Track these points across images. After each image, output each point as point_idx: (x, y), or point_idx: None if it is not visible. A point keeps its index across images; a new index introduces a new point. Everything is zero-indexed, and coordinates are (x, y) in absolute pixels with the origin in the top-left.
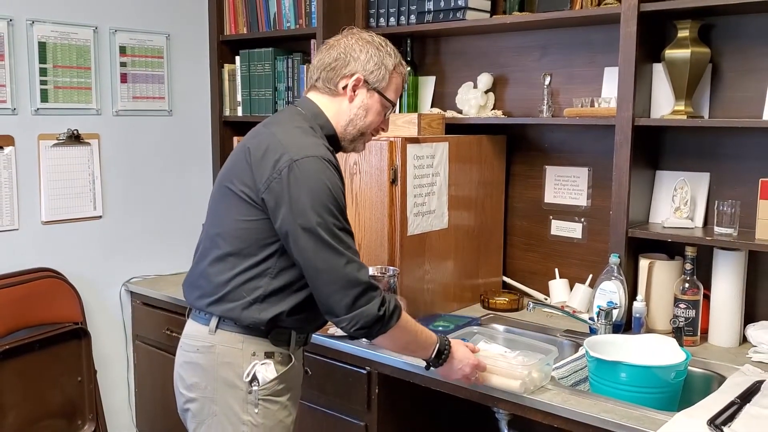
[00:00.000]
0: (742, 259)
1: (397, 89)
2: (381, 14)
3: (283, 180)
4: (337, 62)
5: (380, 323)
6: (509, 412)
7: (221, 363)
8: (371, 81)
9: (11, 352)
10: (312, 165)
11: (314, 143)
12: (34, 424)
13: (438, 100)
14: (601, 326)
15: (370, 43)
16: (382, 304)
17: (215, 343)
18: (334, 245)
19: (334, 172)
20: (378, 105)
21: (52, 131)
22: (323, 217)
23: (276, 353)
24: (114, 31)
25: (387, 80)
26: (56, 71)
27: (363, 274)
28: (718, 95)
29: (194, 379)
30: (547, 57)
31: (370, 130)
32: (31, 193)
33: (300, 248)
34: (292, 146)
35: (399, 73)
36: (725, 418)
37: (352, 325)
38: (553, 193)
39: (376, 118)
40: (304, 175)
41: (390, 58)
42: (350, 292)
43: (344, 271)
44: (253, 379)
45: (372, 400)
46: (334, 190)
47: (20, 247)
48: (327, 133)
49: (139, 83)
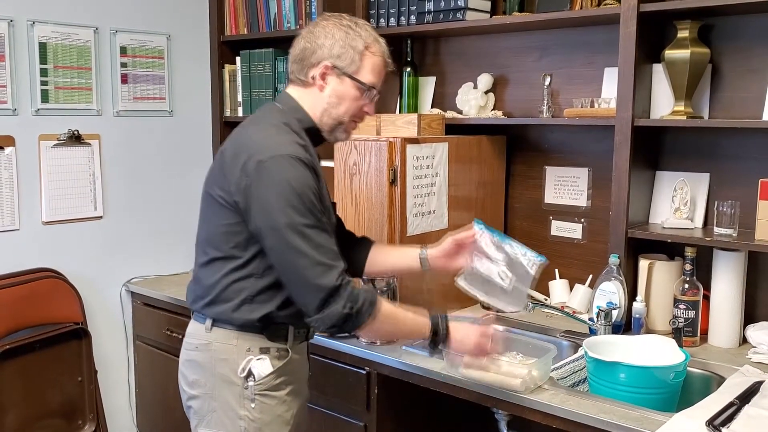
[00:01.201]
0: (741, 259)
1: (374, 70)
2: (381, 15)
3: (252, 181)
4: (305, 52)
5: (350, 321)
6: (508, 412)
7: (218, 360)
8: (340, 66)
9: (12, 352)
10: (278, 164)
11: (284, 141)
12: (34, 423)
13: (438, 100)
14: (601, 327)
15: (338, 26)
16: (352, 301)
17: (211, 341)
18: (300, 246)
19: (303, 169)
20: (352, 90)
21: (52, 131)
22: (290, 217)
23: (272, 348)
24: (115, 31)
25: (358, 62)
26: (57, 72)
27: (329, 277)
28: (717, 96)
29: (194, 377)
30: (546, 57)
31: (349, 118)
32: (31, 194)
33: (269, 248)
34: (261, 146)
35: (373, 53)
36: (724, 418)
37: (322, 325)
38: (553, 193)
39: (353, 104)
40: (270, 175)
41: (359, 38)
42: (317, 296)
43: (309, 274)
44: (249, 374)
45: (371, 400)
46: (301, 188)
47: (21, 248)
48: (306, 126)
49: (139, 84)
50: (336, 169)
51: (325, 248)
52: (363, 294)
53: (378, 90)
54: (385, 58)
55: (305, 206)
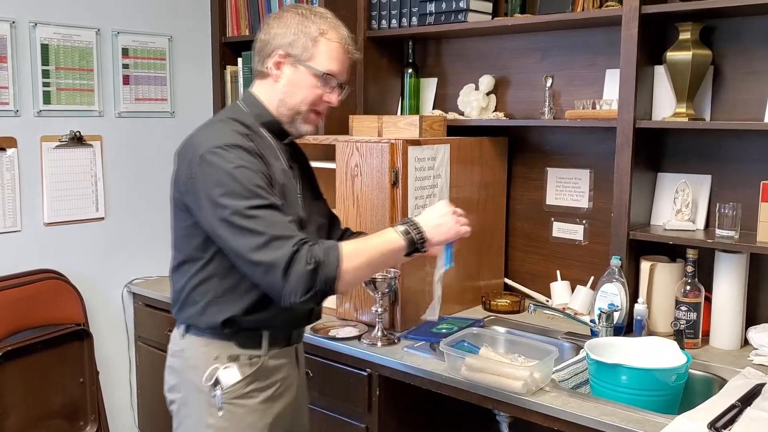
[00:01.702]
0: (743, 261)
1: (330, 56)
2: (383, 16)
3: (196, 177)
4: (261, 44)
5: (320, 274)
6: (510, 414)
7: (189, 367)
8: (293, 54)
9: (14, 353)
10: (216, 155)
11: (224, 132)
12: (36, 424)
13: (439, 101)
14: (602, 328)
15: (293, 14)
16: (312, 256)
17: (184, 348)
18: (252, 227)
19: (243, 154)
20: (308, 78)
21: (54, 133)
22: (236, 204)
23: (242, 356)
24: (116, 33)
25: (311, 49)
26: (59, 73)
27: (285, 247)
28: (719, 97)
29: (172, 382)
30: (548, 59)
31: (306, 107)
32: (33, 195)
33: (221, 239)
34: (202, 142)
35: (329, 39)
36: (726, 421)
37: (295, 294)
38: (555, 194)
39: (309, 92)
40: (210, 168)
41: (313, 25)
42: (277, 269)
43: (264, 251)
44: (216, 382)
45: (373, 401)
46: (243, 173)
47: (23, 249)
48: (265, 120)
49: (141, 85)
50: (338, 170)
51: (280, 224)
52: (321, 246)
53: (341, 79)
54: (344, 45)
55: (250, 190)
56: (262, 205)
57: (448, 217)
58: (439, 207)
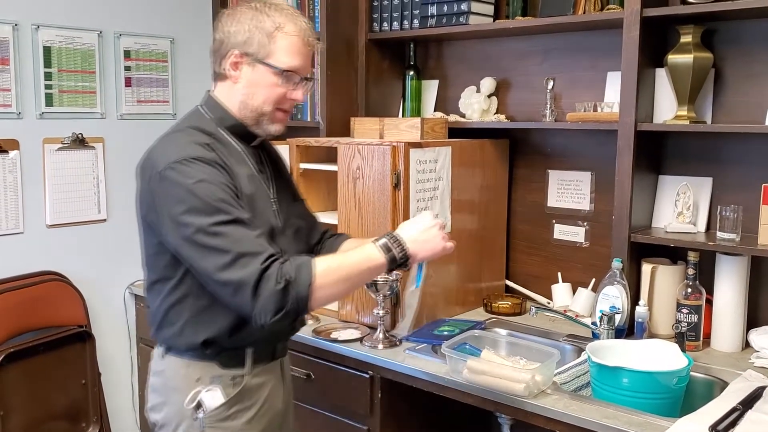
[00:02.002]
0: (744, 264)
1: (290, 51)
2: (384, 19)
3: (156, 195)
4: (216, 44)
5: (291, 293)
6: (512, 417)
7: (171, 388)
8: (250, 52)
9: (16, 355)
10: (175, 172)
11: (182, 144)
12: (38, 426)
13: (441, 104)
14: (604, 331)
15: (245, 9)
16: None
17: (165, 368)
18: (217, 245)
19: (204, 168)
20: (268, 77)
21: (56, 135)
22: (199, 222)
23: (225, 377)
24: (118, 35)
25: (268, 45)
26: (61, 75)
27: (253, 265)
28: (720, 100)
29: (153, 402)
30: (549, 61)
31: (271, 107)
32: (36, 197)
33: (187, 259)
34: (160, 157)
35: (287, 33)
36: (727, 424)
37: (265, 314)
38: (556, 197)
39: (272, 91)
40: (170, 185)
41: (268, 19)
42: (246, 289)
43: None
44: (199, 405)
45: (374, 404)
46: (204, 188)
47: (25, 251)
48: (229, 124)
49: (143, 87)
50: (339, 173)
51: (246, 240)
52: (292, 262)
53: (304, 73)
54: (303, 38)
55: (212, 206)
56: (226, 221)
57: (433, 231)
58: (423, 219)
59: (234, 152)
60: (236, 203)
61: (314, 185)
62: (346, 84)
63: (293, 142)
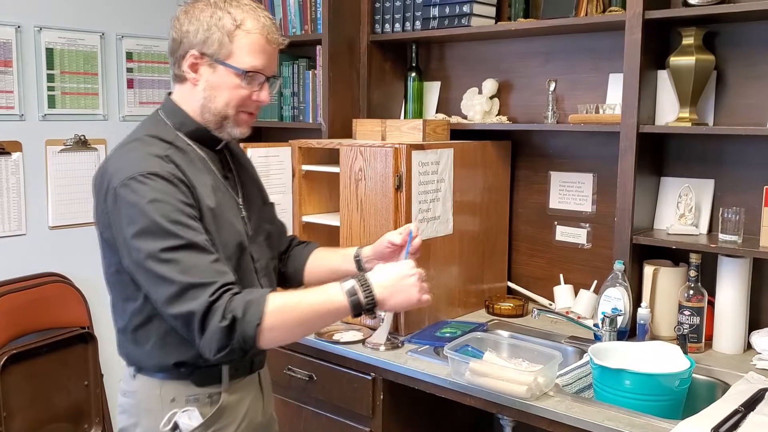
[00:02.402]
0: (746, 266)
1: (252, 50)
2: (386, 20)
3: (111, 214)
4: (173, 44)
5: (236, 332)
6: (514, 419)
7: (143, 410)
8: (209, 53)
9: (19, 356)
10: (129, 189)
11: (139, 156)
12: (41, 427)
13: (443, 105)
14: (606, 333)
15: (202, 5)
16: (230, 311)
17: (136, 389)
18: (166, 274)
19: (160, 185)
20: (229, 78)
21: (59, 137)
22: (150, 246)
23: (202, 395)
24: (120, 37)
25: (229, 45)
26: (63, 77)
27: (202, 297)
28: (722, 102)
29: (124, 424)
30: (551, 63)
31: (234, 110)
32: (38, 199)
33: (140, 285)
34: (115, 171)
35: (248, 31)
36: (729, 426)
37: (209, 350)
38: (558, 198)
39: (234, 94)
40: (124, 204)
41: (227, 17)
42: (194, 321)
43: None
44: (176, 427)
45: (377, 405)
46: (158, 209)
47: (28, 252)
48: (189, 129)
49: (145, 89)
50: (342, 174)
51: (198, 268)
52: (244, 297)
53: (269, 73)
54: (266, 35)
55: (164, 229)
56: (178, 246)
57: (409, 281)
58: (402, 267)
59: (195, 160)
60: (193, 223)
61: (316, 187)
62: (348, 85)
63: (295, 144)
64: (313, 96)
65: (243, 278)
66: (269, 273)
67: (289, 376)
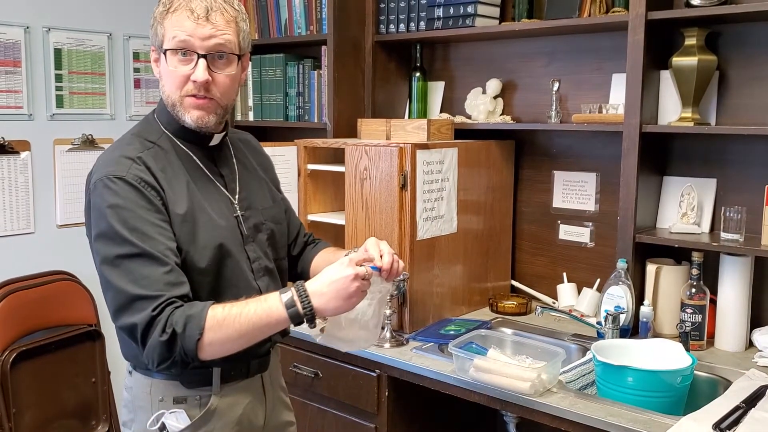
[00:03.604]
0: (748, 264)
1: (175, 27)
2: (391, 21)
3: (86, 215)
4: None
5: (176, 346)
6: (517, 415)
7: (138, 407)
8: (156, 44)
9: (28, 353)
10: (98, 191)
11: (113, 158)
12: (49, 424)
13: (447, 105)
14: (609, 330)
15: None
16: (170, 325)
17: (133, 385)
18: (115, 282)
19: (124, 189)
20: (168, 62)
21: (67, 136)
22: (106, 250)
23: (190, 397)
24: (127, 37)
25: (161, 30)
26: (71, 77)
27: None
28: (724, 102)
29: (125, 417)
30: (555, 63)
31: (177, 95)
32: (46, 198)
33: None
34: (94, 171)
35: (173, 10)
36: (730, 422)
37: (151, 362)
38: (562, 197)
39: (171, 76)
40: (93, 207)
41: (160, 4)
42: (136, 333)
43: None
44: (163, 428)
45: (382, 402)
46: (115, 213)
47: (36, 251)
48: (175, 127)
49: (152, 88)
50: (347, 173)
51: (149, 279)
52: (183, 311)
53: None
54: (190, 7)
55: (121, 235)
56: (131, 254)
57: (342, 284)
58: (337, 270)
59: (176, 160)
60: (153, 231)
61: (321, 186)
62: (353, 85)
63: (301, 143)
64: (319, 96)
65: (231, 279)
66: (271, 273)
67: (295, 373)
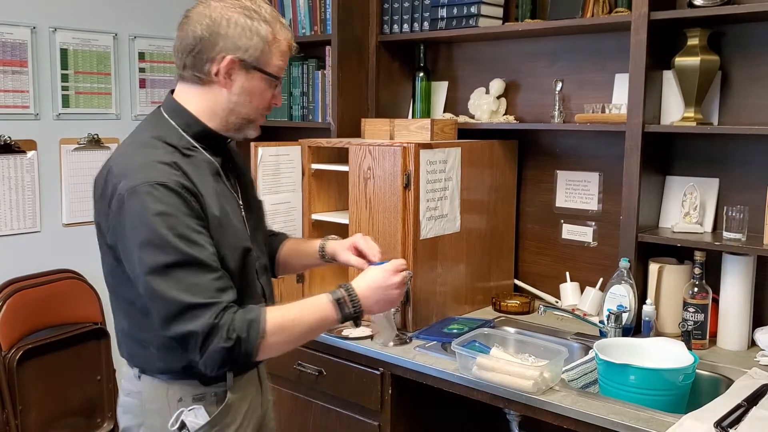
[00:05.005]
0: (750, 263)
1: (282, 57)
2: (395, 21)
3: (116, 221)
4: (201, 43)
5: (238, 351)
6: (520, 413)
7: (149, 410)
8: (248, 59)
9: (33, 351)
10: (137, 199)
11: (147, 162)
12: (55, 421)
13: (450, 105)
14: (611, 329)
15: (237, 10)
16: (232, 331)
17: (141, 390)
18: (166, 292)
19: (164, 195)
20: (261, 84)
21: (73, 136)
22: (152, 259)
23: (208, 394)
24: (133, 37)
25: (268, 53)
26: (77, 77)
27: (203, 317)
28: (727, 102)
29: (128, 423)
30: (558, 63)
31: (258, 114)
32: (52, 197)
33: (144, 296)
34: (123, 175)
35: (279, 40)
36: (732, 420)
37: (210, 368)
38: (565, 197)
39: (263, 98)
40: (130, 213)
41: (265, 24)
42: (195, 340)
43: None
44: (183, 426)
45: (385, 400)
46: (165, 222)
47: (42, 249)
48: (196, 130)
49: (157, 88)
50: (350, 173)
51: (200, 286)
52: (242, 316)
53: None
54: (290, 42)
55: (169, 243)
56: (180, 262)
57: (392, 292)
58: (383, 275)
59: (200, 165)
60: (198, 238)
61: (325, 185)
62: (356, 85)
63: (305, 143)
64: (323, 96)
65: (247, 280)
66: (267, 270)
67: (299, 371)
